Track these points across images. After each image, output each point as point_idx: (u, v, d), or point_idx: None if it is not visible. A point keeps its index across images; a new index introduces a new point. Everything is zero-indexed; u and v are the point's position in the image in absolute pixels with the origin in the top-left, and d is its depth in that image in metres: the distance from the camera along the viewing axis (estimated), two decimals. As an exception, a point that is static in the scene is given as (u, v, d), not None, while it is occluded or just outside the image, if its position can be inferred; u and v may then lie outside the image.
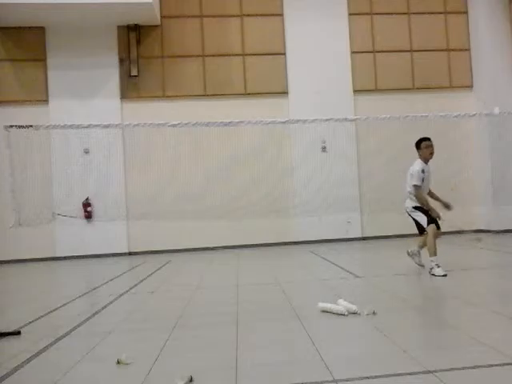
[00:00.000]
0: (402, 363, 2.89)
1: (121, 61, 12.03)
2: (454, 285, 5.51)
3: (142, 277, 7.60)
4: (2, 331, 4.09)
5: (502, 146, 11.62)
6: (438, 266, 6.00)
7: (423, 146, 6.52)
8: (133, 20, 11.70)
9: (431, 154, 6.46)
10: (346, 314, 4.12)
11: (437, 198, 6.56)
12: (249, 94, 12.13)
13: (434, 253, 6.11)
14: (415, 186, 6.25)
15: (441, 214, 6.27)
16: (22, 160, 6.02)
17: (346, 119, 7.88)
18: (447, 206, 6.42)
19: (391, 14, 12.69)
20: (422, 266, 6.55)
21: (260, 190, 11.24)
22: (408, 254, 6.80)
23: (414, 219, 6.52)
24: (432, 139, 11.87)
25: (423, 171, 6.31)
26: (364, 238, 11.99)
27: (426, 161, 6.46)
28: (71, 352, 3.55)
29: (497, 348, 3.05)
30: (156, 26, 12.07)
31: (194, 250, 11.49)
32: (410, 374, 2.72)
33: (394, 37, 12.64)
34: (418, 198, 6.28)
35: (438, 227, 6.34)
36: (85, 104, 11.58)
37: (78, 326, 4.36)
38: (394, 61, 12.58)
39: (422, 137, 6.62)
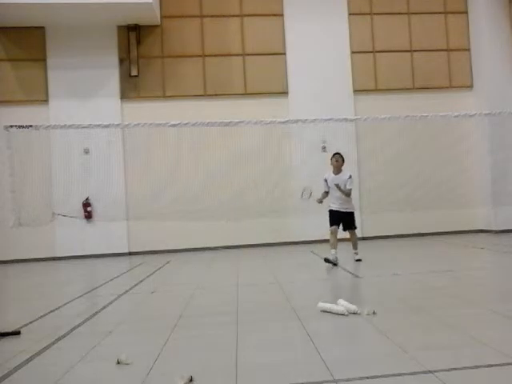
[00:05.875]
0: (402, 363, 2.89)
1: (121, 61, 12.03)
2: (454, 285, 5.52)
3: (142, 277, 7.60)
4: (2, 331, 4.09)
5: (502, 146, 11.62)
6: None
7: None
8: (133, 20, 11.70)
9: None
10: (346, 314, 4.12)
11: None
12: (249, 93, 12.13)
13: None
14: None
15: None
16: (22, 160, 6.02)
17: (346, 119, 7.86)
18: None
19: (391, 14, 12.69)
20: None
21: (260, 189, 11.23)
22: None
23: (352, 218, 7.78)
24: (432, 139, 11.91)
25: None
26: (364, 238, 11.98)
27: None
28: (71, 352, 3.55)
29: (497, 348, 3.05)
30: (156, 25, 12.07)
31: (193, 249, 11.49)
32: (410, 374, 2.72)
33: (394, 37, 12.64)
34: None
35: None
36: (85, 104, 11.58)
37: (78, 325, 4.36)
38: (394, 61, 12.58)
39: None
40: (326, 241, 11.74)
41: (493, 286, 5.70)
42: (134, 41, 11.94)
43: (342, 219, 7.74)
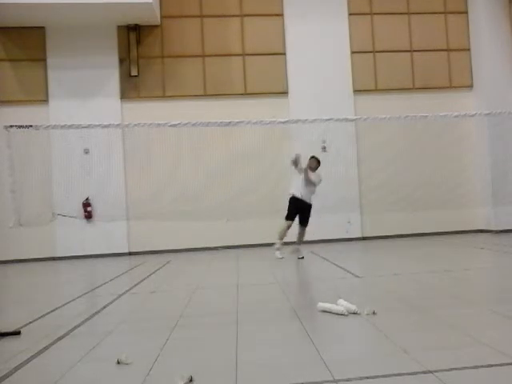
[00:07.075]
0: (401, 363, 2.89)
1: (121, 61, 12.03)
2: (454, 284, 5.51)
3: (142, 277, 7.59)
4: (2, 331, 4.09)
5: (502, 146, 11.62)
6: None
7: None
8: (133, 20, 11.70)
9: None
10: (346, 314, 4.12)
11: None
12: (249, 93, 12.12)
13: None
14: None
15: None
16: (22, 160, 6.02)
17: (346, 119, 7.87)
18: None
19: (391, 14, 12.69)
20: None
21: (260, 189, 11.22)
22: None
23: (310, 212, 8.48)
24: (432, 139, 11.98)
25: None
26: (364, 238, 11.99)
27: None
28: (71, 352, 3.55)
29: (497, 348, 3.05)
30: (156, 26, 12.06)
31: (194, 249, 11.49)
32: (410, 374, 2.72)
33: (394, 37, 12.64)
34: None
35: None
36: (85, 104, 11.58)
37: (78, 326, 4.36)
38: (394, 61, 12.58)
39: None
40: (326, 241, 11.80)
41: (493, 286, 5.70)
42: (134, 41, 11.93)
43: (302, 211, 8.42)
